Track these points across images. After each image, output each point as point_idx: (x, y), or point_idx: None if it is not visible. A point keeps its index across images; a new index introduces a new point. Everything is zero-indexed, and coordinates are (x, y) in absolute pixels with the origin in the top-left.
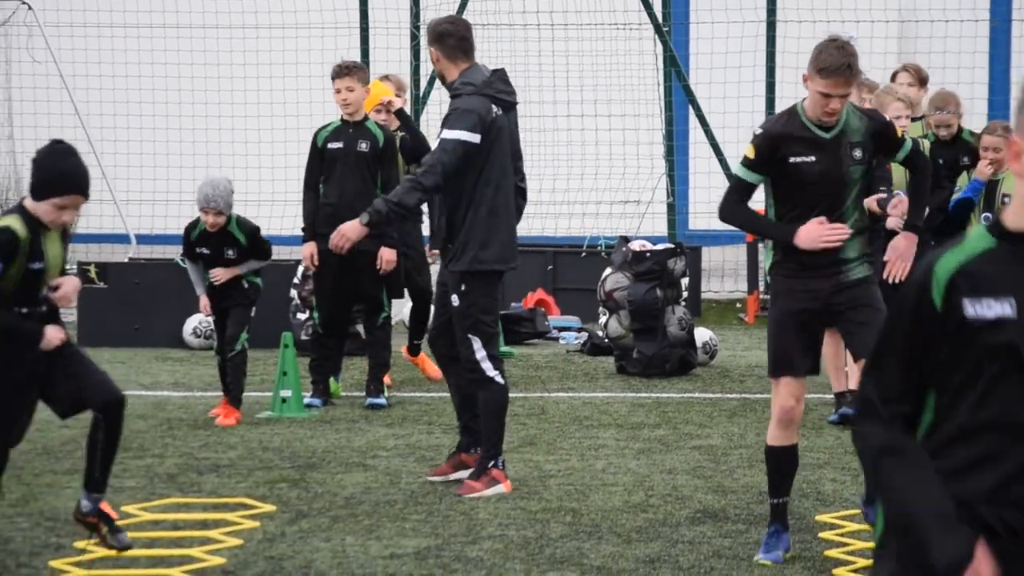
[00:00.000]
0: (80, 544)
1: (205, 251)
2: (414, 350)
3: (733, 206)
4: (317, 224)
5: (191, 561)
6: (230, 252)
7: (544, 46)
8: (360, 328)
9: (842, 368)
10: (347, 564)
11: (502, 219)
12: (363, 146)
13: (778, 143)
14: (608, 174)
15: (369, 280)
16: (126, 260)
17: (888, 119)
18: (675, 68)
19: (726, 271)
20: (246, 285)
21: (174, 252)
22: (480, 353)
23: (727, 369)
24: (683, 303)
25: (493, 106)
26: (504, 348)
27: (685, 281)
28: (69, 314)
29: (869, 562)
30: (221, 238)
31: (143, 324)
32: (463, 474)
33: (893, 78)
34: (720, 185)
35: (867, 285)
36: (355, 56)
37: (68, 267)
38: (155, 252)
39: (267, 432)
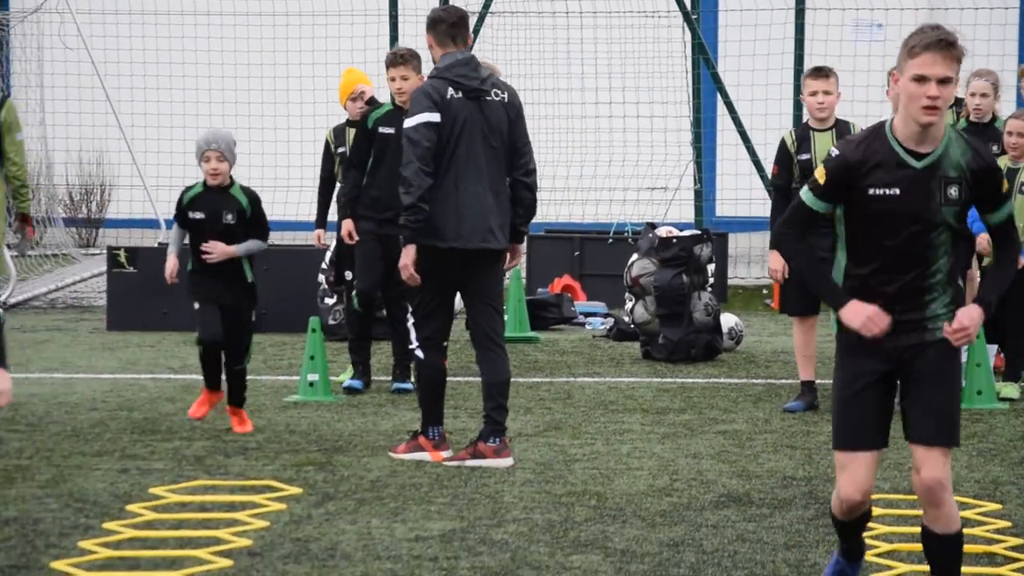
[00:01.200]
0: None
1: (199, 215)
2: None
3: (793, 241)
4: (361, 207)
5: (218, 543)
6: (229, 216)
7: (573, 34)
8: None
9: (811, 356)
10: (372, 546)
11: (450, 201)
12: None
13: (856, 170)
14: (636, 161)
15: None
16: (155, 245)
17: (996, 163)
18: (703, 55)
19: (752, 257)
20: (249, 279)
21: None
22: (410, 321)
23: (753, 355)
24: (709, 289)
25: (450, 88)
26: (530, 333)
27: (711, 267)
28: (99, 298)
29: (892, 547)
30: (220, 199)
31: (171, 308)
32: (480, 463)
33: None
34: (747, 172)
35: (949, 349)
36: (384, 44)
37: (98, 251)
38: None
39: (294, 415)
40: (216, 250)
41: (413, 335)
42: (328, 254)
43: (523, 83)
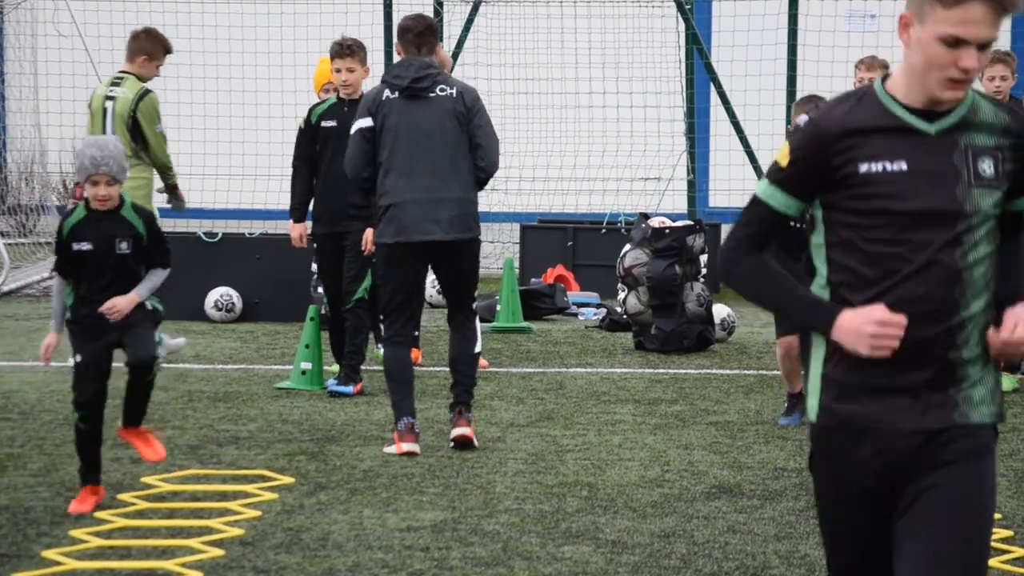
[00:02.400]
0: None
1: (85, 247)
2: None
3: (742, 256)
4: (314, 207)
5: (210, 532)
6: (123, 245)
7: (567, 23)
8: None
9: (796, 369)
10: (364, 536)
11: (392, 198)
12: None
13: (836, 140)
14: (629, 151)
15: (351, 261)
16: None
17: None
18: (697, 45)
19: None
20: (148, 307)
21: (196, 226)
22: (381, 316)
23: (745, 346)
24: (702, 280)
25: (386, 90)
26: (523, 323)
27: (704, 258)
28: None
29: None
30: (109, 224)
31: (164, 297)
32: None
33: None
34: (741, 162)
35: (988, 438)
36: (379, 32)
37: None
38: (177, 225)
39: (287, 405)
40: (121, 307)
41: (382, 327)
42: None
43: (517, 72)
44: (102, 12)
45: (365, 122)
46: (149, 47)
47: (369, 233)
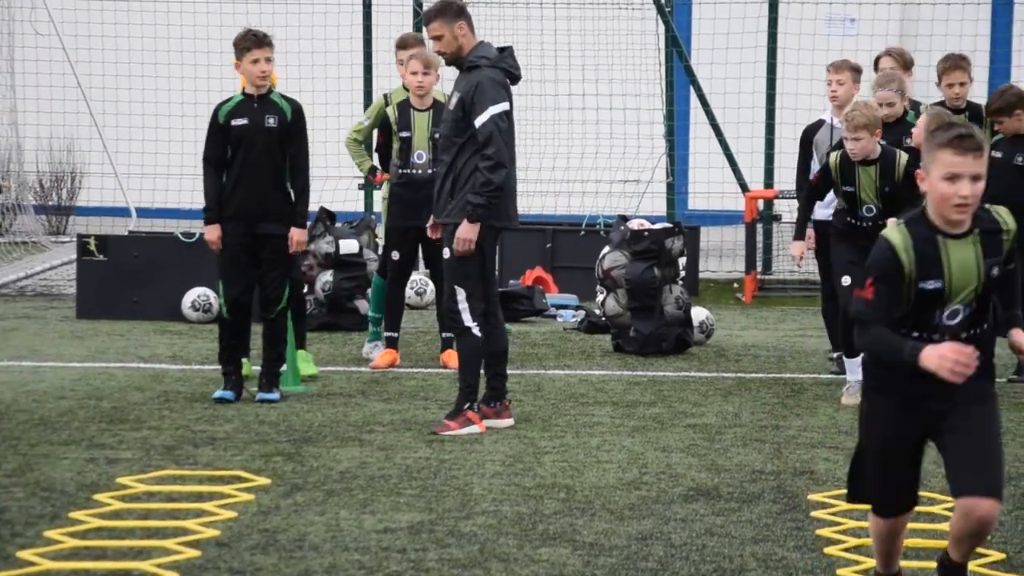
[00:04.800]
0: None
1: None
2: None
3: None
4: (226, 209)
5: (185, 533)
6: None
7: (546, 24)
8: (359, 304)
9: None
10: (340, 538)
11: (510, 183)
12: (271, 121)
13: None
14: (608, 153)
15: (272, 265)
16: (126, 233)
17: None
18: (676, 48)
19: (724, 251)
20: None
21: (174, 225)
22: (463, 304)
23: (723, 348)
24: (680, 282)
25: (506, 78)
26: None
27: (683, 260)
28: (69, 286)
29: (861, 541)
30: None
31: (142, 297)
32: (493, 423)
33: (876, 64)
34: (720, 165)
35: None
36: (358, 33)
37: (68, 239)
38: (155, 225)
39: (263, 406)
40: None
41: (467, 316)
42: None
43: None
44: (80, 11)
45: (507, 105)
46: None
47: (296, 233)
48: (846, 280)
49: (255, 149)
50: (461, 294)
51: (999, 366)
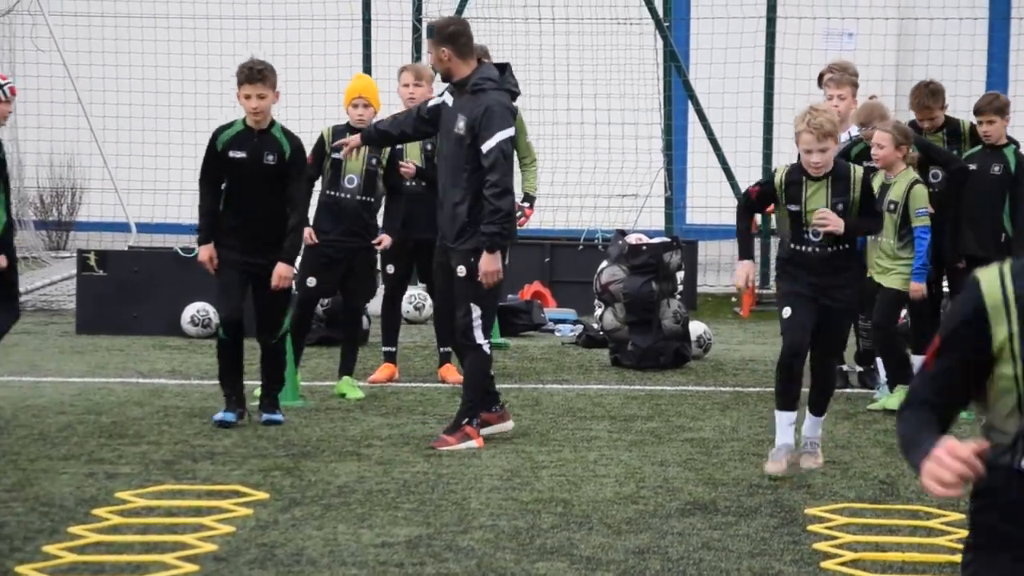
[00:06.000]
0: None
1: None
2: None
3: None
4: (221, 235)
5: (184, 548)
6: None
7: (545, 40)
8: (366, 316)
9: None
10: (338, 552)
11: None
12: (270, 159)
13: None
14: (607, 168)
15: (274, 296)
16: (126, 248)
17: None
18: (675, 63)
19: (722, 265)
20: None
21: (173, 241)
22: (477, 321)
23: (721, 363)
24: (678, 296)
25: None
26: (500, 339)
27: (681, 275)
28: (69, 301)
29: (857, 555)
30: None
31: (141, 312)
32: (487, 430)
33: (820, 79)
34: (718, 180)
35: None
36: (357, 48)
37: (68, 254)
38: (155, 241)
39: (261, 420)
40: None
41: (478, 334)
42: (296, 258)
43: None
44: (80, 27)
45: (512, 130)
46: None
47: (281, 268)
48: (787, 312)
49: (253, 183)
50: (476, 312)
51: None
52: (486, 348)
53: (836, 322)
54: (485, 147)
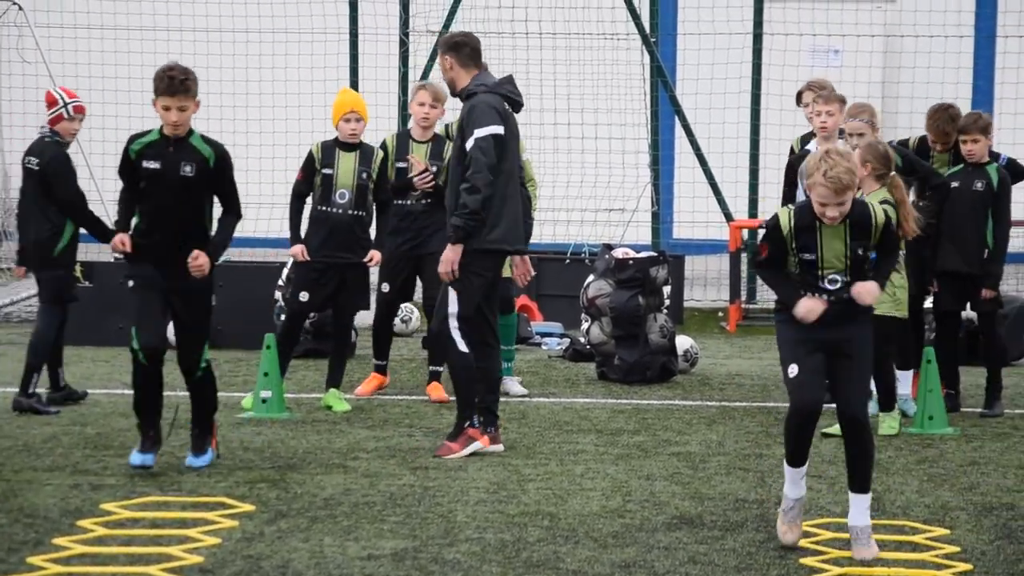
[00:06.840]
0: (60, 541)
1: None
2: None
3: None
4: (139, 250)
5: (169, 559)
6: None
7: (532, 55)
8: (354, 329)
9: None
10: (324, 564)
11: (510, 205)
12: (187, 170)
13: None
14: (594, 182)
15: (187, 326)
16: (111, 260)
17: None
18: (662, 78)
19: (708, 280)
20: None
21: None
22: (452, 308)
23: (707, 377)
24: (665, 311)
25: (505, 103)
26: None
27: (667, 289)
28: None
29: (844, 570)
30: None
31: (127, 323)
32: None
33: (798, 98)
34: (705, 194)
35: None
36: (344, 62)
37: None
38: None
39: (248, 432)
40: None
41: (453, 324)
42: (284, 271)
43: None
44: (67, 39)
45: (499, 129)
46: None
47: (200, 256)
48: (793, 370)
49: (167, 196)
50: (452, 297)
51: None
52: (460, 345)
53: (859, 357)
54: (468, 145)
